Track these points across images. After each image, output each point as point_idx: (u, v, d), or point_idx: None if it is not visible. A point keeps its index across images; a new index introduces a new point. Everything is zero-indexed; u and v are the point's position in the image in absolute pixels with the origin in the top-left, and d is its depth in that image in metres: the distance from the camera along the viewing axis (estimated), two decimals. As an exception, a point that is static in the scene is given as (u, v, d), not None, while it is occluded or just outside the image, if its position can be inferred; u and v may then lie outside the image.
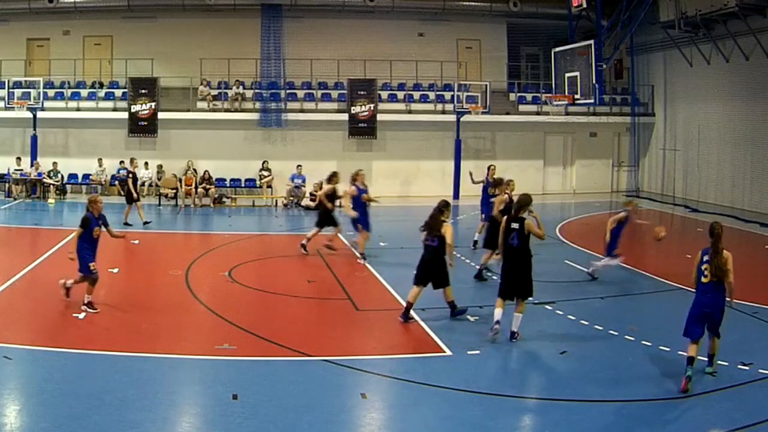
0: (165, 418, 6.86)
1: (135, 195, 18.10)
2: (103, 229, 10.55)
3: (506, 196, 13.76)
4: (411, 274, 13.22)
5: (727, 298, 7.84)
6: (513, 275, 9.36)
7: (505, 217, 9.64)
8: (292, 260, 14.85)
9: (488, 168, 16.28)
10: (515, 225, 9.34)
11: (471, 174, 17.11)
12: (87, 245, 10.21)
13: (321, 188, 22.98)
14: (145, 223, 17.98)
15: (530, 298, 9.67)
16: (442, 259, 10.11)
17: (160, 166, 24.25)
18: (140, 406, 6.95)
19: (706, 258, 7.87)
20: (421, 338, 9.50)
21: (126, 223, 17.73)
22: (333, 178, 15.16)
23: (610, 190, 27.97)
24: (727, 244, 8.05)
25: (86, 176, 24.50)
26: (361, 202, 14.36)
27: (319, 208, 15.44)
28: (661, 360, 8.72)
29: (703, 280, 7.83)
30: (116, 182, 24.34)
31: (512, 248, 9.36)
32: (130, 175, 18.45)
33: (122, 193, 24.08)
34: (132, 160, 19.08)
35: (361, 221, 14.33)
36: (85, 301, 10.22)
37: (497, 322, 9.25)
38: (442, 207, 10.27)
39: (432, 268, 10.15)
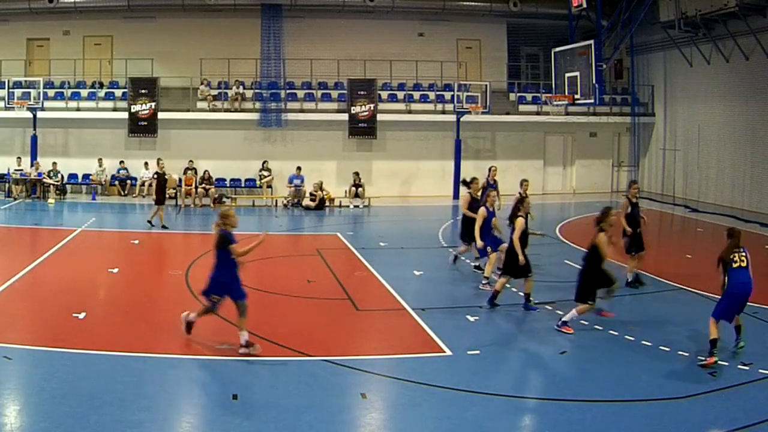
0: (165, 418, 6.86)
1: (155, 197, 17.95)
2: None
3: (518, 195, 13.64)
4: (410, 274, 13.34)
5: None
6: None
7: None
8: (292, 260, 14.85)
9: (489, 169, 16.13)
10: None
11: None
12: (227, 268, 8.61)
13: (320, 188, 23.24)
14: (149, 222, 17.95)
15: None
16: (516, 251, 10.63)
17: (159, 166, 24.24)
18: (140, 406, 6.95)
19: (734, 250, 8.60)
20: (421, 338, 9.50)
21: (163, 226, 17.87)
22: (472, 183, 13.54)
23: (610, 190, 27.98)
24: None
25: (86, 176, 24.52)
26: (489, 225, 12.48)
27: (466, 220, 13.39)
28: (661, 360, 8.72)
29: (734, 266, 8.50)
30: (116, 182, 24.38)
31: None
32: (155, 176, 18.25)
33: (122, 192, 24.28)
34: (158, 161, 18.86)
35: (489, 243, 12.41)
36: (243, 341, 8.52)
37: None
38: (518, 202, 10.85)
39: (507, 258, 10.73)
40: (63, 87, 25.37)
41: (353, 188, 23.50)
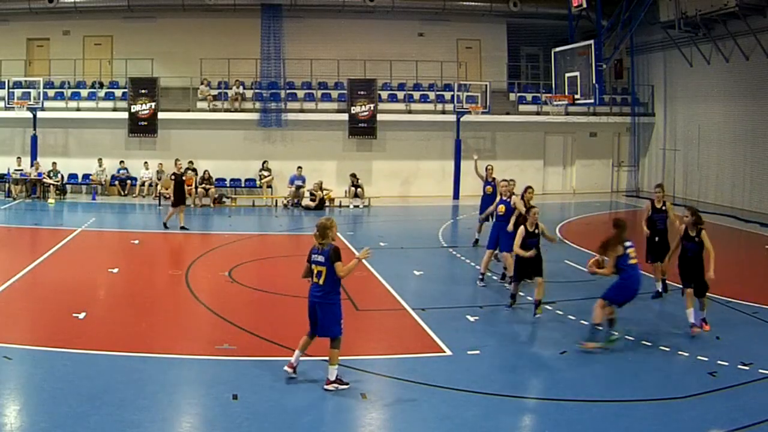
0: (165, 418, 6.85)
1: (171, 198, 17.80)
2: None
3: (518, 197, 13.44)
4: (410, 274, 13.34)
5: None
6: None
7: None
8: (292, 260, 14.82)
9: (486, 168, 16.11)
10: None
11: (476, 160, 16.62)
12: (338, 292, 7.76)
13: (320, 188, 23.24)
14: (184, 228, 17.76)
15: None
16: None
17: (161, 165, 24.23)
18: (140, 406, 6.95)
19: (629, 244, 9.05)
20: (421, 338, 9.50)
21: (165, 225, 17.82)
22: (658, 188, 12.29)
23: (610, 190, 27.99)
24: (727, 244, 8.35)
25: (86, 176, 24.52)
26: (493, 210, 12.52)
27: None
28: (661, 360, 8.72)
29: (631, 261, 9.02)
30: (116, 182, 24.39)
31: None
32: (173, 177, 17.98)
33: (122, 192, 24.29)
34: (176, 162, 18.67)
35: (493, 241, 12.32)
36: (332, 377, 7.55)
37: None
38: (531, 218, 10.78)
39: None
40: (63, 87, 25.37)
41: (353, 188, 23.51)
